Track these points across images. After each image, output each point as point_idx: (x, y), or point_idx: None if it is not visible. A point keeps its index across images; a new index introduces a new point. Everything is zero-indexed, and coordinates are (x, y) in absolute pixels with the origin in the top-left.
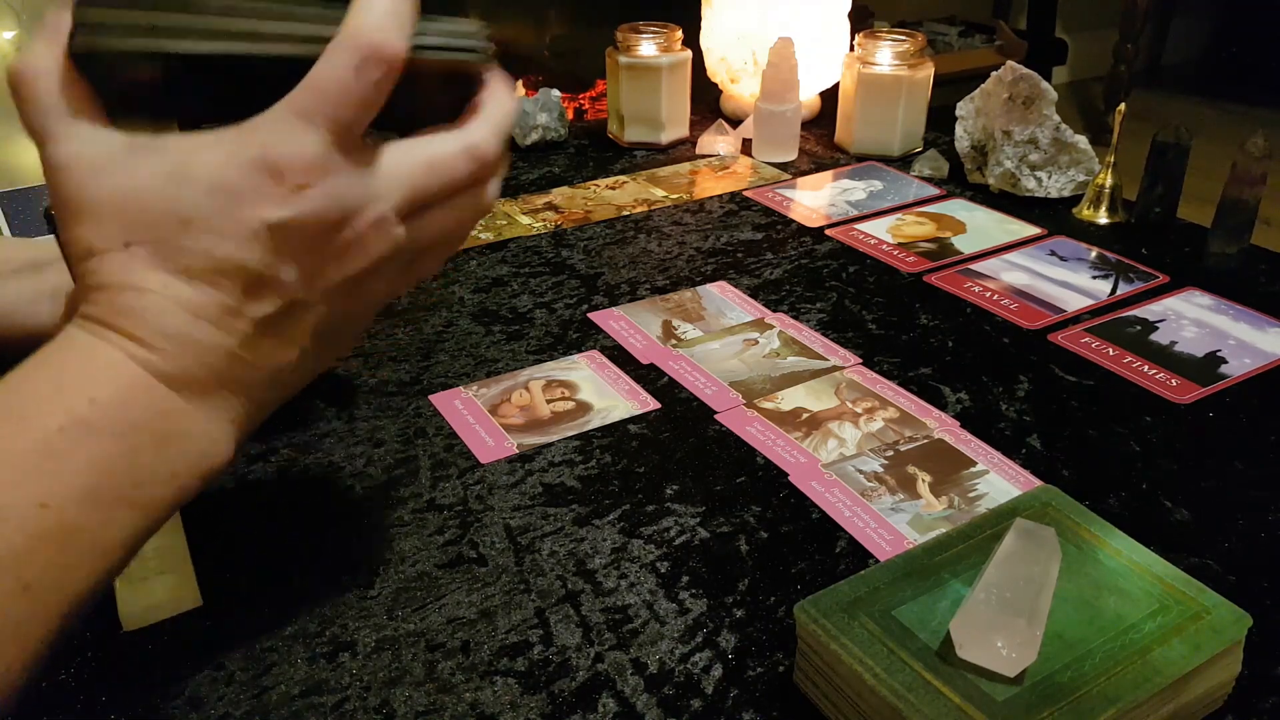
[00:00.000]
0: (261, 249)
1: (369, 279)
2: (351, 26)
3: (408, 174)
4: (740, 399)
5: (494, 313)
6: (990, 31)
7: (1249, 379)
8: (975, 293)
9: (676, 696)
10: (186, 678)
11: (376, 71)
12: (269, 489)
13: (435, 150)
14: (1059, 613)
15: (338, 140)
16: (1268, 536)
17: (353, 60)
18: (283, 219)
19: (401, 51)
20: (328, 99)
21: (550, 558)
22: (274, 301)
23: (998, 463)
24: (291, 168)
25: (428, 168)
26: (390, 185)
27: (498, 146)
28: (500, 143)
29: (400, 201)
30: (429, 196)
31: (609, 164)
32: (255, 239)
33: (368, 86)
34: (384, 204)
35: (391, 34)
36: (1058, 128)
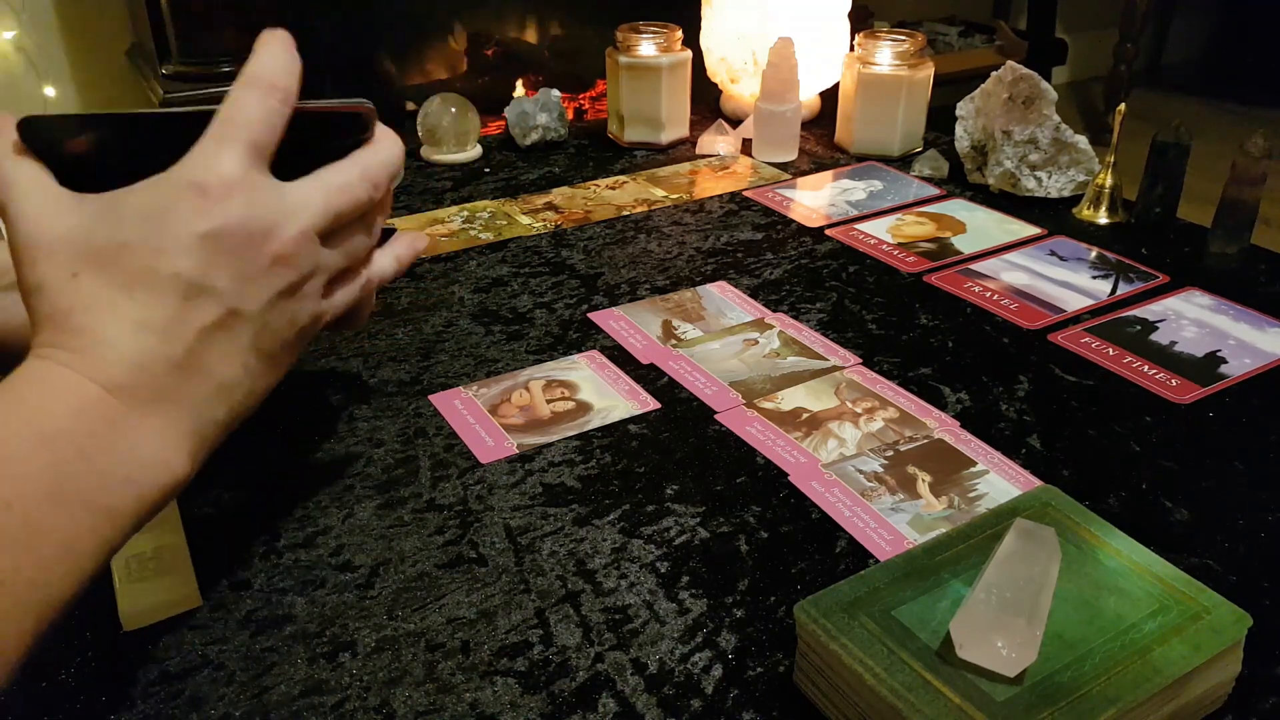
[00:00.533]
0: (195, 258)
1: (299, 292)
2: (249, 69)
3: (321, 194)
4: (740, 399)
5: (494, 313)
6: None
7: (1249, 379)
8: (975, 293)
9: (676, 696)
10: (186, 678)
11: (274, 99)
12: (269, 489)
13: (338, 175)
14: (1059, 613)
15: (253, 159)
16: (1268, 536)
17: (255, 91)
18: (211, 228)
19: (292, 84)
20: (239, 124)
21: (550, 558)
22: (213, 310)
23: (998, 463)
24: (215, 183)
25: (337, 189)
26: (306, 203)
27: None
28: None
29: (317, 218)
30: (340, 217)
31: (609, 164)
32: (189, 250)
33: (271, 111)
34: (304, 219)
35: (282, 73)
36: (1058, 128)
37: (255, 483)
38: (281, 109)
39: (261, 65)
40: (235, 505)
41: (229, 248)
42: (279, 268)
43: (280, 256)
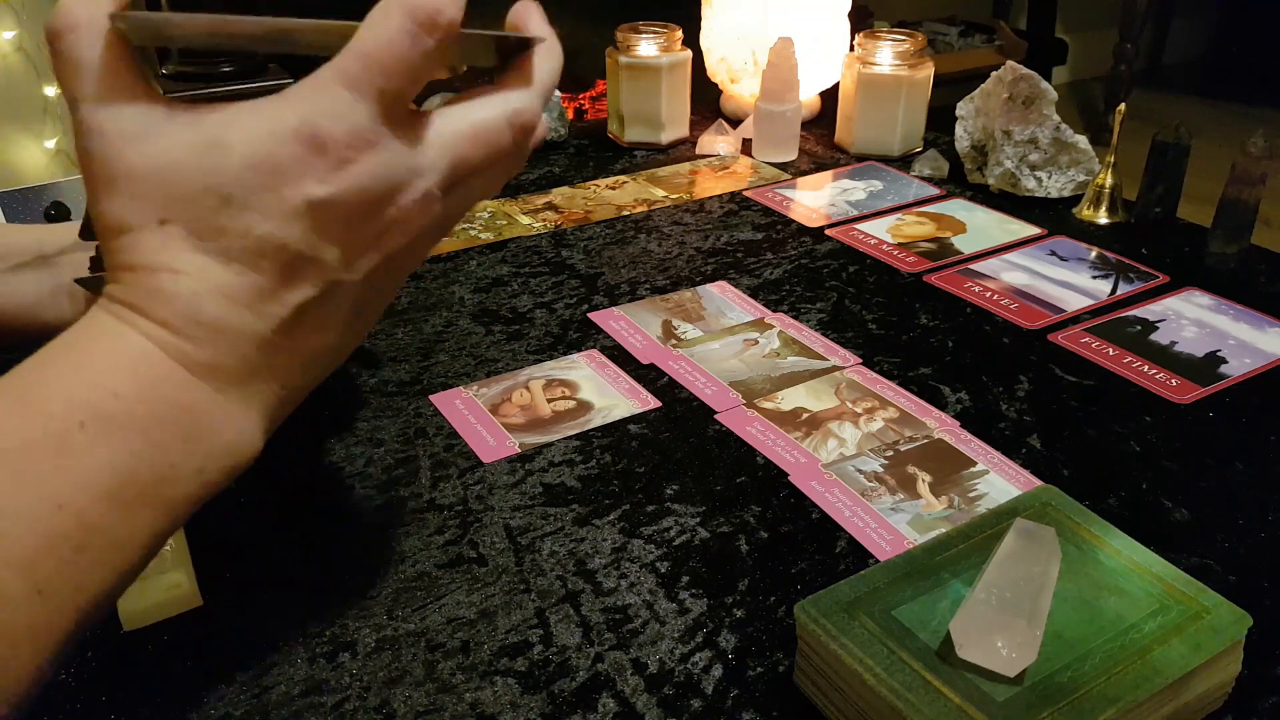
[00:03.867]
0: (303, 228)
1: (407, 254)
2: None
3: (453, 145)
4: (740, 399)
5: (494, 313)
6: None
7: (1249, 379)
8: (975, 293)
9: (676, 696)
10: (186, 678)
11: (430, 39)
12: (269, 489)
13: (480, 118)
14: (1059, 613)
15: (385, 112)
16: (1268, 536)
17: (406, 25)
18: (326, 196)
19: (458, 19)
20: (377, 67)
21: (550, 558)
22: (314, 285)
23: (998, 463)
24: (336, 141)
25: (472, 138)
26: (435, 158)
27: (540, 112)
28: (542, 107)
29: (444, 175)
30: (471, 167)
31: (609, 164)
32: (297, 217)
33: (421, 55)
34: (429, 179)
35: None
36: (1058, 128)
37: (255, 483)
38: (437, 52)
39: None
40: (235, 505)
41: (343, 216)
42: (394, 233)
43: (395, 221)
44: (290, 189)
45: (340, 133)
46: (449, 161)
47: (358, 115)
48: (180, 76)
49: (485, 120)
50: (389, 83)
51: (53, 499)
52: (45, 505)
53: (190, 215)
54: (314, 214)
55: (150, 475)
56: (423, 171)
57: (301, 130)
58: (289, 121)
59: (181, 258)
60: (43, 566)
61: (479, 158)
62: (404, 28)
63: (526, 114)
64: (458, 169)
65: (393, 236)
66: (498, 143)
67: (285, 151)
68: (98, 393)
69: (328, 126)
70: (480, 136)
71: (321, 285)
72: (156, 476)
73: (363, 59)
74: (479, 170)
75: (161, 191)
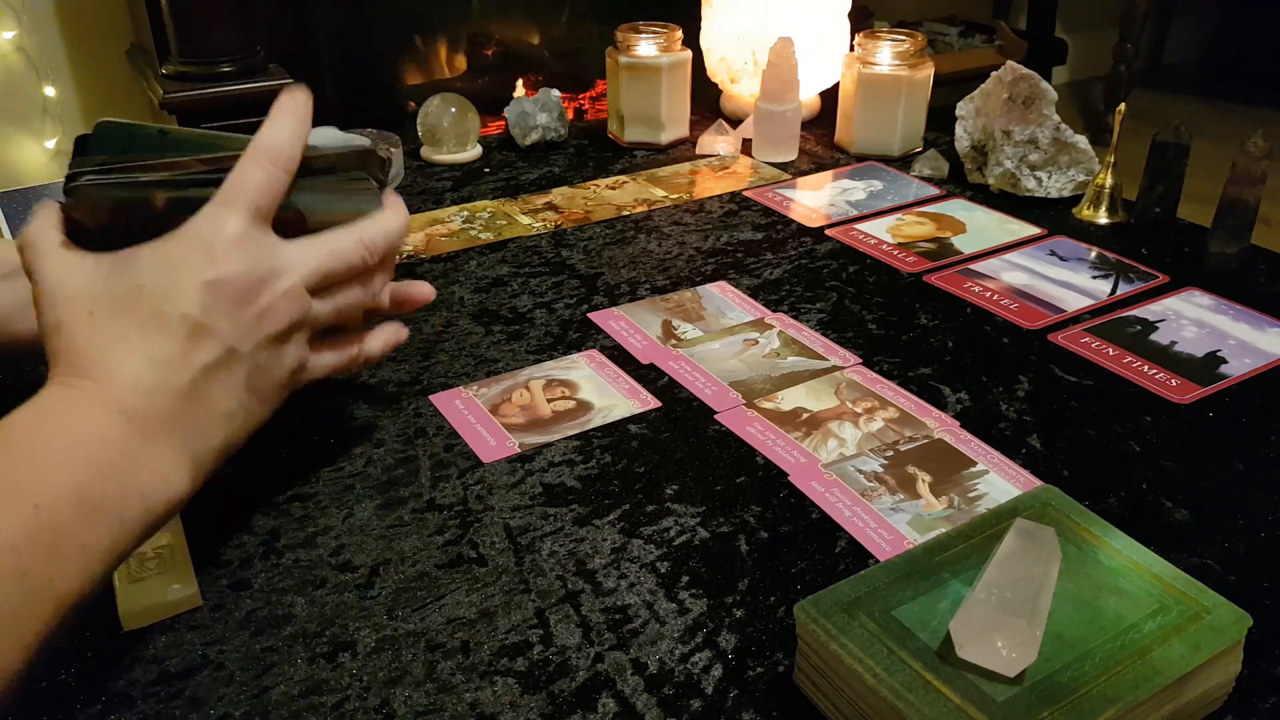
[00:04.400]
0: (199, 302)
1: (288, 338)
2: (258, 139)
3: (314, 255)
4: (740, 399)
5: (494, 313)
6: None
7: (1249, 379)
8: (975, 293)
9: (676, 696)
10: (186, 678)
11: (277, 166)
12: (269, 489)
13: (335, 239)
14: (1059, 613)
15: (254, 221)
16: (1268, 536)
17: (260, 160)
18: (215, 277)
19: (295, 155)
20: (243, 189)
21: (550, 558)
22: (213, 348)
23: (998, 463)
24: (219, 241)
25: (330, 252)
26: (298, 261)
27: (386, 241)
28: (387, 241)
29: (306, 275)
30: (331, 276)
31: (609, 164)
32: (195, 294)
33: (273, 178)
34: (294, 275)
35: (286, 145)
36: (1058, 128)
37: (255, 482)
38: (283, 176)
39: (268, 137)
40: (235, 505)
41: (229, 295)
42: (271, 315)
43: (272, 306)
44: (188, 276)
45: (222, 234)
46: (311, 266)
47: (234, 222)
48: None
49: (339, 240)
50: (254, 198)
51: (30, 499)
52: (25, 504)
53: (111, 305)
54: (207, 292)
55: (103, 492)
56: (288, 269)
57: (193, 236)
58: (183, 234)
59: (109, 331)
60: (26, 552)
61: (336, 268)
62: (258, 162)
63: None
64: (319, 274)
65: (271, 318)
66: (350, 258)
67: (182, 251)
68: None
69: (211, 233)
70: (336, 252)
71: (219, 350)
72: (108, 494)
73: (232, 186)
74: (340, 280)
75: (88, 295)
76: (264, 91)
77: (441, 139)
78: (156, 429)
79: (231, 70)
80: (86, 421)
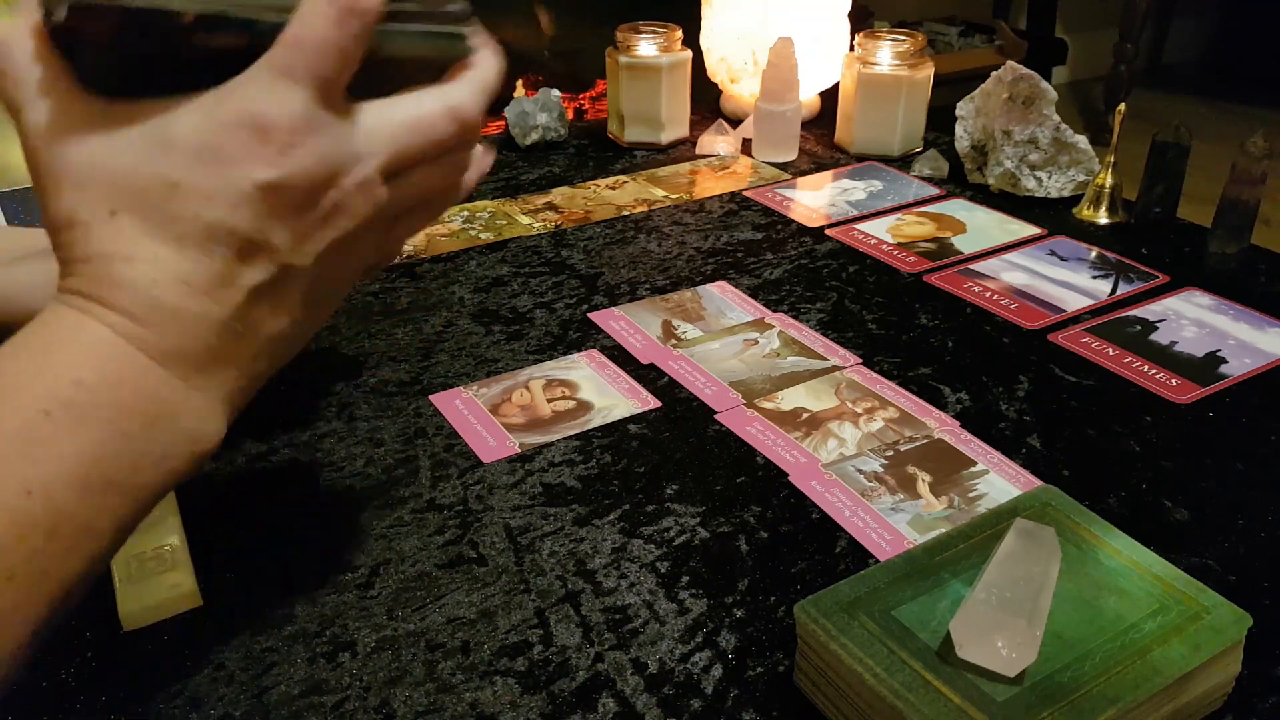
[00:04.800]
0: (252, 211)
1: (355, 241)
2: None
3: (391, 134)
4: (740, 399)
5: (494, 313)
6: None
7: (1249, 379)
8: (975, 293)
9: (676, 696)
10: (186, 678)
11: (354, 23)
12: (269, 489)
13: (418, 110)
14: (1059, 613)
15: (321, 97)
16: (1268, 536)
17: (330, 12)
18: (272, 179)
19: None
20: (308, 54)
21: (550, 558)
22: (266, 267)
23: (998, 463)
24: (278, 126)
25: (411, 128)
26: (374, 144)
27: (480, 107)
28: (483, 104)
29: (384, 161)
30: (412, 157)
31: (609, 164)
32: (246, 201)
33: (347, 39)
34: (369, 164)
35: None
36: (1058, 128)
37: (255, 482)
38: (363, 34)
39: None
40: (235, 505)
41: (289, 199)
42: (338, 215)
43: (339, 205)
44: (237, 174)
45: (281, 118)
46: (388, 149)
47: (295, 101)
48: None
49: (423, 110)
50: (321, 68)
51: (21, 485)
52: (14, 491)
53: (140, 204)
54: (263, 197)
55: (116, 462)
56: (362, 156)
57: (243, 118)
58: (231, 110)
59: (135, 245)
60: (14, 552)
61: (418, 147)
62: (328, 15)
63: (466, 108)
64: (397, 157)
65: (338, 219)
66: (437, 134)
67: (229, 138)
68: (61, 383)
69: (268, 113)
70: (419, 127)
71: (273, 268)
72: (122, 464)
73: (294, 48)
74: (420, 161)
75: (109, 183)
76: None
77: None
78: (191, 372)
79: None
80: (103, 369)
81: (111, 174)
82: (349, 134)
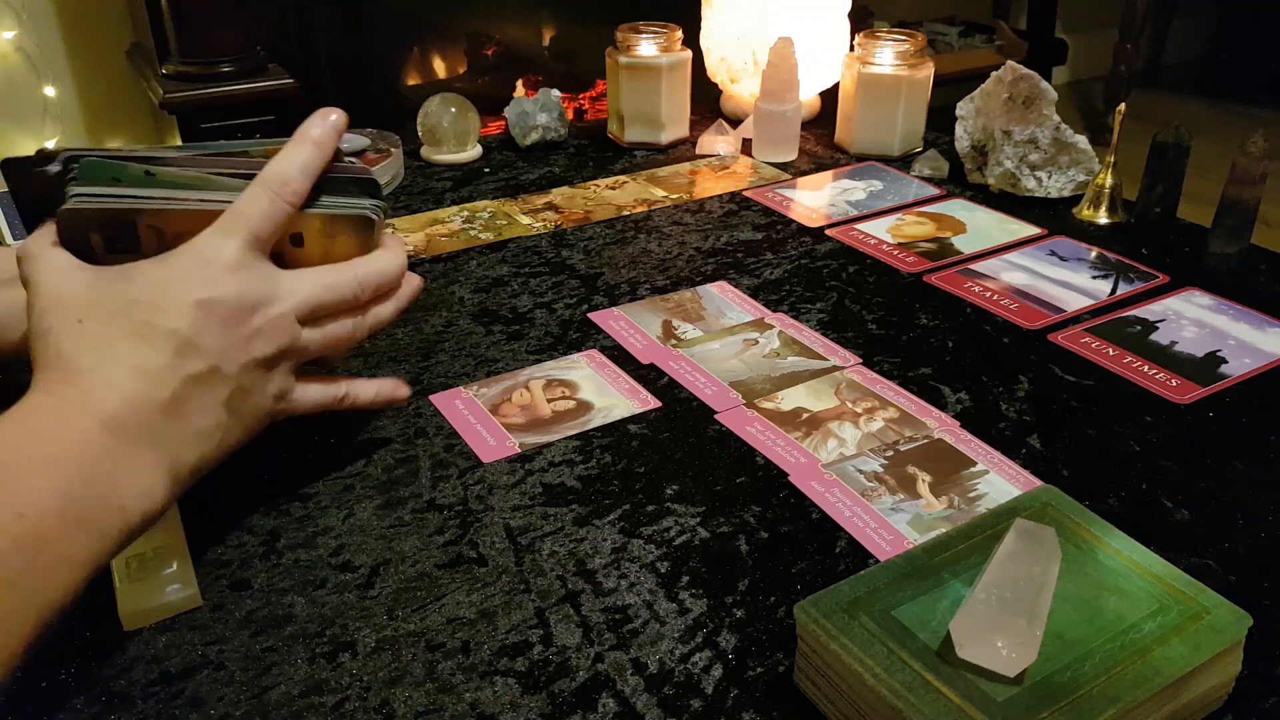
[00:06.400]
0: (190, 320)
1: (274, 364)
2: (270, 168)
3: (307, 287)
4: (740, 399)
5: (494, 313)
6: (990, 31)
7: (1249, 379)
8: (975, 293)
9: (676, 696)
10: (186, 678)
11: (282, 198)
12: (269, 489)
13: (329, 274)
14: (1059, 613)
15: (253, 248)
16: (1268, 536)
17: (266, 190)
18: (207, 297)
19: (304, 188)
20: (246, 217)
21: (550, 558)
22: (198, 364)
23: (998, 463)
24: (216, 264)
25: (324, 286)
26: (291, 290)
27: (378, 280)
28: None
29: (298, 305)
30: (324, 309)
31: (609, 164)
32: (186, 312)
33: (276, 209)
34: (286, 304)
35: (296, 177)
36: (1058, 128)
37: (255, 483)
38: (288, 207)
39: (280, 166)
40: (235, 505)
41: (219, 315)
42: (259, 339)
43: (260, 330)
44: (181, 293)
45: (219, 258)
46: (303, 296)
47: (232, 249)
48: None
49: (334, 275)
50: (255, 227)
51: (15, 509)
52: (10, 513)
53: (103, 314)
54: (199, 310)
55: (85, 501)
56: (281, 297)
57: (190, 256)
58: (182, 253)
59: (96, 339)
60: (10, 563)
61: (329, 301)
62: (265, 191)
63: (368, 277)
64: (312, 306)
65: (259, 342)
66: (342, 293)
67: (179, 270)
68: (43, 439)
69: (209, 254)
70: (330, 286)
71: (205, 366)
72: (89, 503)
73: (234, 213)
74: (330, 313)
75: (80, 302)
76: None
77: (441, 139)
78: (138, 442)
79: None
80: (70, 430)
81: (83, 296)
82: (273, 280)
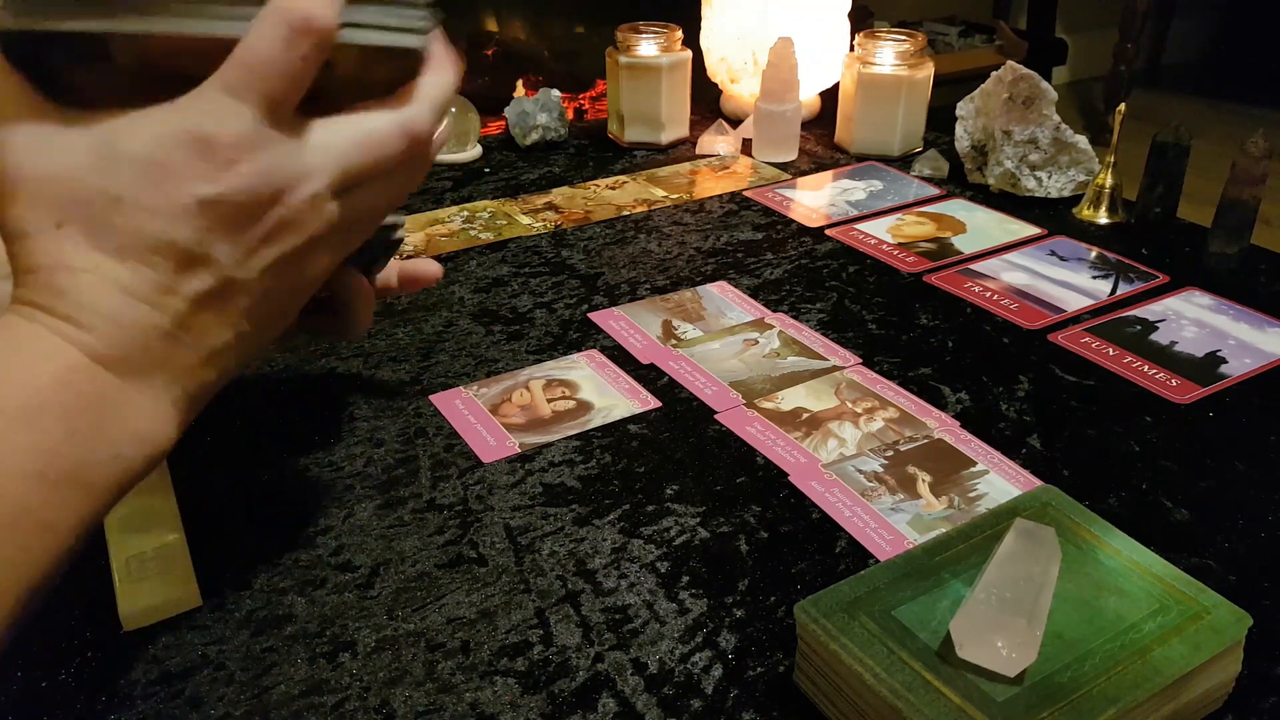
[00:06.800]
0: (193, 226)
1: (304, 256)
2: None
3: (341, 151)
4: (740, 399)
5: (494, 313)
6: (990, 31)
7: (1249, 379)
8: (975, 293)
9: (676, 696)
10: (186, 678)
11: (305, 44)
12: (269, 489)
13: (369, 127)
14: (1059, 613)
15: (268, 115)
16: (1268, 536)
17: (281, 32)
18: (214, 195)
19: (331, 23)
20: (256, 73)
21: (550, 558)
22: (208, 279)
23: (998, 463)
24: (221, 143)
25: (361, 145)
26: (323, 162)
27: (432, 123)
28: (435, 120)
29: (333, 178)
30: (362, 173)
31: (609, 164)
32: (187, 216)
33: (297, 60)
34: (317, 181)
35: (319, 5)
36: (1058, 128)
37: (255, 482)
38: (314, 56)
39: None
40: (235, 505)
41: (231, 215)
42: (283, 233)
43: (285, 221)
44: (179, 189)
45: (225, 135)
46: (337, 166)
47: (241, 118)
48: None
49: (373, 127)
50: (269, 87)
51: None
52: None
53: (84, 217)
54: (203, 212)
55: (71, 458)
56: (310, 173)
57: (187, 134)
58: (176, 126)
59: (79, 257)
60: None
61: (368, 164)
62: (279, 34)
63: (417, 124)
64: (347, 174)
65: (284, 235)
66: (388, 151)
67: (172, 154)
68: (14, 386)
69: (212, 129)
70: (369, 143)
71: (216, 280)
72: (76, 459)
73: (242, 67)
74: (371, 177)
75: (57, 197)
76: None
77: None
78: (136, 375)
79: None
80: (50, 371)
81: (60, 187)
82: (297, 151)
